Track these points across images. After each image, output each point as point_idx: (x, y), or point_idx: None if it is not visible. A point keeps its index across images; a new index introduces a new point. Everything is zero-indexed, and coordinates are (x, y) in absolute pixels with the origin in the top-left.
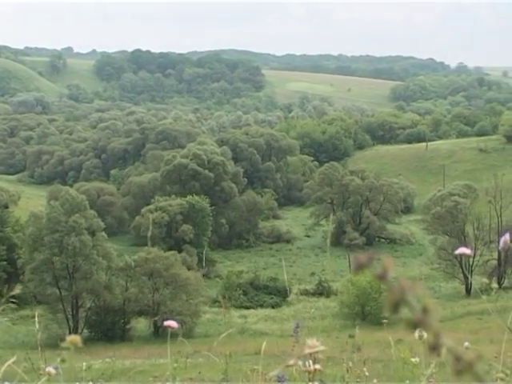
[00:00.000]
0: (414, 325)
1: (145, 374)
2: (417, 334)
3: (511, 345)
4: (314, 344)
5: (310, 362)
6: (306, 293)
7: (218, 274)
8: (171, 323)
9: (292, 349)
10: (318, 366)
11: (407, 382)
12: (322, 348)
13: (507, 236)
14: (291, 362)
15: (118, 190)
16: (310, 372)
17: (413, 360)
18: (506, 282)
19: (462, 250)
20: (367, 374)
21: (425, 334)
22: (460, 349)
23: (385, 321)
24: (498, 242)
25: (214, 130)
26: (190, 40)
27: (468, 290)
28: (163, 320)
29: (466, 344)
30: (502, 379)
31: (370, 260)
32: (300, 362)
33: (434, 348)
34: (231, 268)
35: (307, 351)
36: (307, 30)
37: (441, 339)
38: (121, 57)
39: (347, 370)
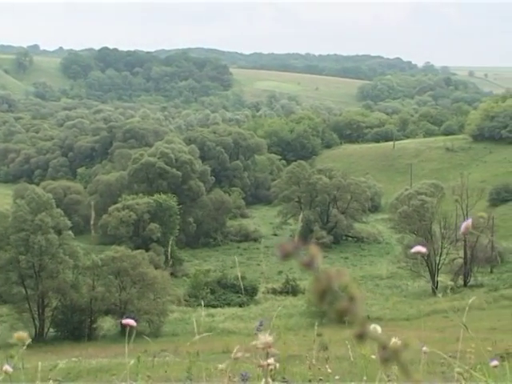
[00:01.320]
0: (340, 314)
1: (111, 373)
2: (371, 328)
3: (475, 342)
4: (265, 339)
5: (268, 357)
6: (273, 291)
7: (186, 273)
8: (129, 322)
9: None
10: (270, 361)
11: (365, 378)
12: (271, 341)
13: (469, 221)
14: (239, 354)
15: (85, 188)
16: (262, 367)
17: (373, 357)
18: (471, 281)
19: (418, 248)
20: (330, 371)
21: (379, 329)
22: (385, 338)
23: (345, 319)
24: (464, 241)
25: (181, 128)
26: (157, 38)
27: (435, 289)
28: (127, 319)
29: (424, 348)
30: (459, 373)
31: (296, 248)
32: (248, 355)
33: (360, 336)
34: (199, 267)
35: (259, 346)
36: (275, 29)
37: (366, 328)
38: (88, 55)
39: (309, 368)
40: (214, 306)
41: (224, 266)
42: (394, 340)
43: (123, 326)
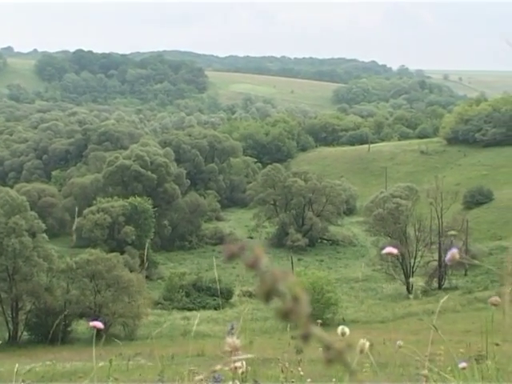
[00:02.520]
0: (284, 314)
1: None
2: (339, 330)
3: (449, 345)
4: (233, 342)
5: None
6: (248, 294)
7: (161, 276)
8: (96, 324)
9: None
10: (238, 364)
11: (334, 380)
12: (239, 344)
13: (455, 251)
14: (218, 367)
15: (60, 191)
16: (231, 370)
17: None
18: (446, 283)
19: (389, 249)
20: (302, 373)
21: (347, 331)
22: (330, 338)
23: (319, 321)
24: (439, 244)
25: (156, 131)
26: (132, 41)
27: (409, 291)
28: (104, 322)
29: (399, 342)
30: (425, 376)
31: (242, 250)
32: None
33: (305, 337)
34: (174, 270)
35: (226, 349)
36: (250, 32)
37: (310, 329)
38: (62, 57)
39: (282, 370)
40: (189, 309)
41: (199, 269)
42: (361, 341)
43: (98, 329)
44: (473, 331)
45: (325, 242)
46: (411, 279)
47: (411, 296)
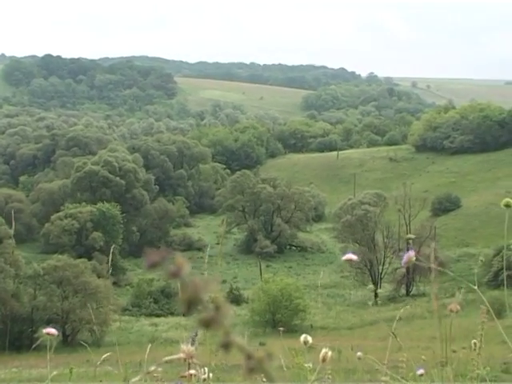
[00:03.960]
0: (206, 323)
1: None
2: (302, 339)
3: (417, 351)
4: (187, 349)
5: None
6: None
7: (129, 282)
8: (50, 330)
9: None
10: (192, 372)
11: None
12: (193, 352)
13: (411, 253)
14: (152, 368)
15: (27, 196)
16: (184, 377)
17: (306, 365)
18: (414, 290)
19: (349, 256)
20: (264, 380)
21: (309, 339)
22: (250, 348)
23: (281, 329)
24: (407, 250)
25: (125, 137)
26: (101, 46)
27: (377, 298)
28: (72, 329)
29: (359, 354)
30: (385, 382)
31: (164, 258)
32: (160, 369)
33: (225, 346)
34: (142, 276)
35: (181, 356)
36: (220, 38)
37: (231, 337)
38: (31, 62)
39: (244, 377)
40: (157, 316)
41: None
42: (324, 350)
43: (65, 336)
44: (440, 338)
45: (293, 248)
46: (368, 286)
47: (370, 303)
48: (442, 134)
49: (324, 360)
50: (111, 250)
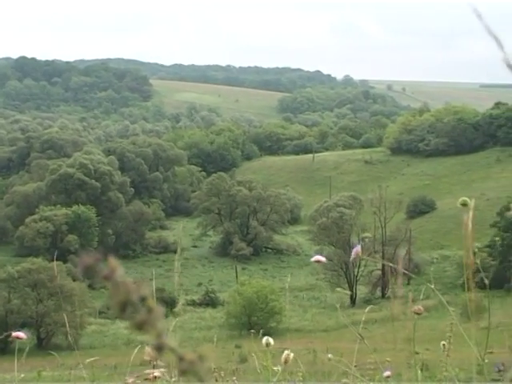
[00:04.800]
0: (138, 325)
1: None
2: (264, 341)
3: (392, 353)
4: (152, 352)
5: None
6: (192, 303)
7: (104, 285)
8: (18, 334)
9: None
10: (157, 374)
11: None
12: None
13: (358, 248)
14: (130, 380)
15: (2, 199)
16: (149, 379)
17: (274, 368)
18: (389, 292)
19: (317, 257)
20: (236, 382)
21: (271, 341)
22: (182, 350)
23: (252, 331)
24: (383, 253)
25: (100, 139)
26: (76, 48)
27: (353, 300)
28: (47, 332)
29: (329, 355)
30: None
31: (97, 261)
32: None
33: (158, 348)
34: None
35: (146, 359)
36: (196, 41)
37: (163, 339)
38: (5, 64)
39: (216, 380)
40: None
41: (143, 278)
42: (286, 352)
43: (40, 340)
44: (415, 339)
45: (269, 251)
46: (338, 289)
47: (338, 305)
48: (417, 137)
49: (286, 362)
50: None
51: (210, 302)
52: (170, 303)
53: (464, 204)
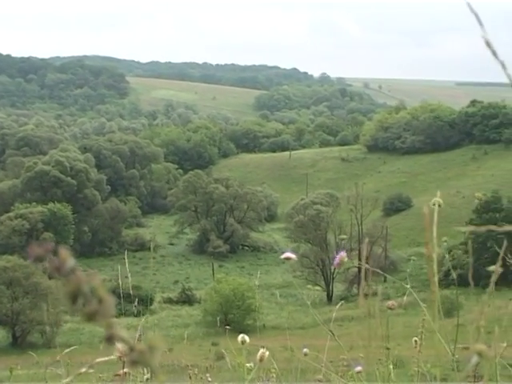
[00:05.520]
0: (89, 316)
1: None
2: (239, 338)
3: (369, 350)
4: (122, 348)
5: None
6: (169, 301)
7: None
8: None
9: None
10: (126, 370)
11: None
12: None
13: (343, 254)
14: (83, 369)
15: None
16: (119, 375)
17: (247, 365)
18: (366, 289)
19: (287, 254)
20: (210, 379)
21: (247, 339)
22: (133, 340)
23: (227, 327)
24: (359, 250)
25: (77, 136)
26: (52, 45)
27: (329, 297)
28: (22, 330)
29: (305, 350)
30: (319, 381)
31: (47, 251)
32: (92, 370)
33: (109, 339)
34: None
35: (116, 355)
36: (172, 38)
37: (114, 330)
38: None
39: (190, 377)
40: None
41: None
42: (261, 350)
43: (15, 338)
44: (391, 337)
45: (246, 248)
46: (308, 286)
47: (308, 302)
48: (394, 135)
49: (261, 360)
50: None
51: (186, 299)
52: (146, 301)
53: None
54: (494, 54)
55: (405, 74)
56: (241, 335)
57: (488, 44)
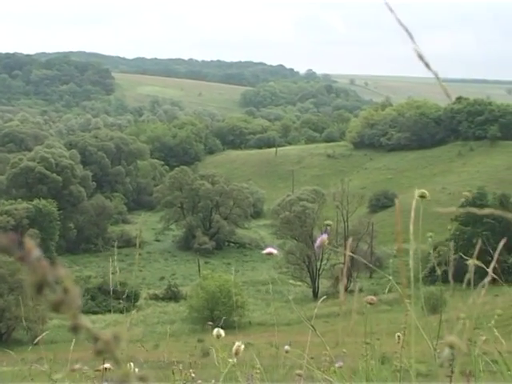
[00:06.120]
0: (55, 306)
1: None
2: (214, 332)
3: (355, 347)
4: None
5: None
6: (155, 297)
7: None
8: None
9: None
10: (107, 365)
11: (213, 381)
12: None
13: (324, 236)
14: (76, 366)
15: None
16: (99, 371)
17: (230, 361)
18: (351, 286)
19: (269, 250)
20: (193, 375)
21: (222, 333)
22: (99, 330)
23: (209, 323)
24: (345, 246)
25: (62, 133)
26: (38, 41)
27: (315, 294)
28: (7, 327)
29: (287, 347)
30: (299, 375)
31: (12, 241)
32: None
33: (74, 329)
34: (79, 273)
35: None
36: (158, 34)
37: (79, 320)
38: None
39: (173, 373)
40: (94, 313)
41: (105, 272)
42: (237, 343)
43: (0, 334)
44: (377, 333)
45: (232, 245)
46: (290, 281)
47: (290, 297)
48: (380, 131)
49: (237, 353)
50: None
51: (172, 295)
52: (132, 297)
53: (422, 196)
54: (427, 66)
55: (391, 70)
56: (216, 329)
57: (420, 57)
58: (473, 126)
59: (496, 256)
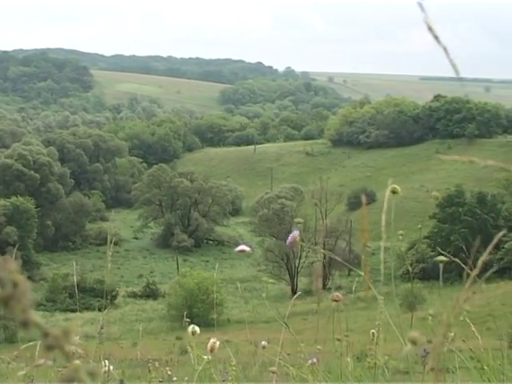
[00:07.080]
0: (4, 301)
1: None
2: (190, 329)
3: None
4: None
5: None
6: (133, 295)
7: (44, 277)
8: None
9: (96, 350)
10: (77, 362)
11: (186, 379)
12: (76, 342)
13: (296, 233)
14: (41, 361)
15: None
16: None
17: (204, 357)
18: (330, 283)
19: (242, 247)
20: (169, 373)
21: (197, 330)
22: (48, 326)
23: (187, 319)
24: (324, 244)
25: (40, 130)
26: (15, 37)
27: (294, 291)
28: None
29: (264, 343)
30: (273, 372)
31: None
32: (50, 362)
33: (23, 324)
34: (57, 270)
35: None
36: (137, 31)
37: (29, 315)
38: None
39: (149, 371)
40: (72, 311)
41: (83, 270)
42: (212, 340)
43: None
44: (355, 330)
45: (210, 242)
46: (264, 278)
47: (264, 294)
48: (358, 129)
49: (212, 350)
50: (16, 246)
51: (151, 293)
52: (110, 295)
53: (394, 192)
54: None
55: (369, 68)
56: (191, 326)
57: (437, 40)
58: (451, 124)
59: (473, 253)
